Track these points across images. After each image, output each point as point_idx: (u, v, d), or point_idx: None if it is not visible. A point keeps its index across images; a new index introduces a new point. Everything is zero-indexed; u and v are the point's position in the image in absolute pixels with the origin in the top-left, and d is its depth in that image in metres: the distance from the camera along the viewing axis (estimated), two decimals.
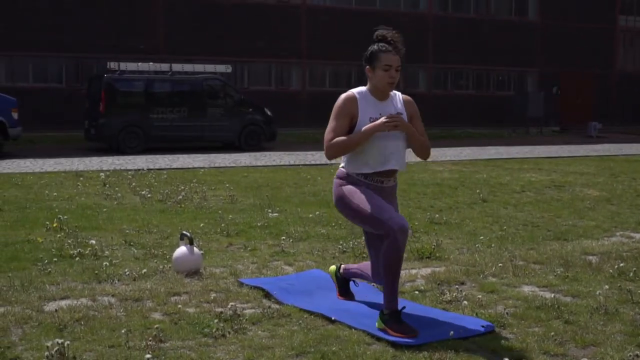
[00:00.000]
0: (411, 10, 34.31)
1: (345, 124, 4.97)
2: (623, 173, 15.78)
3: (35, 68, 27.87)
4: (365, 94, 5.06)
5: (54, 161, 18.36)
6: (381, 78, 4.99)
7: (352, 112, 4.97)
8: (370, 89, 5.08)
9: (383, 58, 4.97)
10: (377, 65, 4.99)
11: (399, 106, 5.12)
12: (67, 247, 7.30)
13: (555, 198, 11.68)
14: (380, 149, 4.96)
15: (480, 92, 36.15)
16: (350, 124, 4.98)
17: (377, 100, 5.05)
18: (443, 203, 11.02)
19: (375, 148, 4.95)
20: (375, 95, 5.06)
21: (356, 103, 4.99)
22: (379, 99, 5.06)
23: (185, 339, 4.67)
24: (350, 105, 4.98)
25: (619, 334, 4.82)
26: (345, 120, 4.97)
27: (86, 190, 12.10)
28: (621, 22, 39.62)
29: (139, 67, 22.69)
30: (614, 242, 8.10)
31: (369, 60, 5.03)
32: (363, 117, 4.97)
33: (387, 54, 4.97)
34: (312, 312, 5.22)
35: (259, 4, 30.91)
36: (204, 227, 8.63)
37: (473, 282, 6.20)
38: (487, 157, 20.60)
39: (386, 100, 5.09)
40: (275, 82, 31.73)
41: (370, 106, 5.02)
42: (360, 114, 4.97)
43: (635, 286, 5.98)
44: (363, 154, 4.97)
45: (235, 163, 18.42)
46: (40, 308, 5.29)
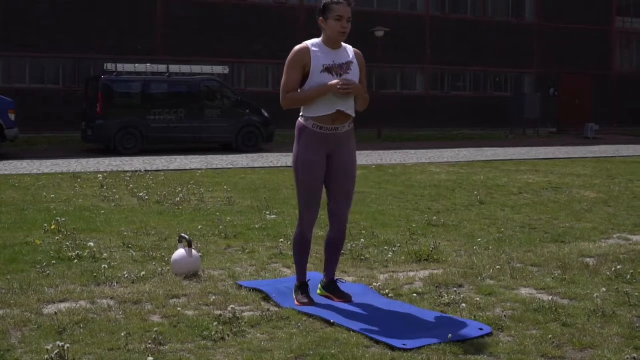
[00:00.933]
0: (409, 11, 34.33)
1: (298, 75, 5.35)
2: (620, 175, 15.81)
3: (32, 69, 27.86)
4: (319, 44, 5.43)
5: (51, 162, 18.36)
6: (333, 27, 5.33)
7: (305, 62, 5.34)
8: (323, 40, 5.43)
9: (335, 9, 5.31)
10: (329, 16, 5.33)
11: (351, 56, 5.46)
12: (66, 249, 7.31)
13: (552, 200, 11.70)
14: (332, 96, 5.32)
15: (478, 93, 36.17)
16: (304, 72, 5.35)
17: (330, 49, 5.42)
18: (440, 205, 11.03)
19: (328, 96, 5.32)
20: (328, 45, 5.41)
21: (309, 53, 5.35)
22: (332, 49, 5.41)
23: (184, 341, 4.67)
24: (302, 56, 5.35)
25: (616, 337, 4.84)
26: (299, 71, 5.35)
27: (84, 192, 12.11)
28: (618, 24, 39.69)
29: (136, 69, 22.70)
30: (611, 244, 8.11)
31: (322, 12, 5.38)
32: (316, 65, 5.33)
33: (339, 5, 5.31)
34: (310, 315, 5.24)
35: (257, 5, 30.92)
36: (202, 229, 8.63)
37: (471, 284, 6.21)
38: (484, 159, 20.63)
39: (339, 49, 5.45)
40: (272, 83, 31.72)
41: (324, 55, 5.38)
42: (313, 62, 5.33)
43: (632, 289, 6.00)
44: (317, 100, 5.34)
45: (232, 164, 18.43)
46: (40, 311, 5.30)
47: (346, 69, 5.38)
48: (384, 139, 28.42)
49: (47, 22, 27.25)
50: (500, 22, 36.42)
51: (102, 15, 28.02)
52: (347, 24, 5.31)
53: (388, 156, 21.55)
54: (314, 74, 5.32)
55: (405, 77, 34.23)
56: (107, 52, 26.98)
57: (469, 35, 35.17)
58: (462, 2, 35.81)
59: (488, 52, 35.51)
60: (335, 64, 5.36)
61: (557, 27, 37.06)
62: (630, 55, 40.66)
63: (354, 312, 5.33)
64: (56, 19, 27.41)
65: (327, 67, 5.34)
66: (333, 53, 5.40)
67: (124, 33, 28.18)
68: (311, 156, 5.42)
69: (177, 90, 23.12)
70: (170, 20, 29.23)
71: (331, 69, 5.34)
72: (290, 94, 5.37)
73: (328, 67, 5.34)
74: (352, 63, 5.43)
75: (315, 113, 5.36)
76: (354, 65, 5.43)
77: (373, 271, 6.73)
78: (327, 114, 5.33)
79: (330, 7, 5.33)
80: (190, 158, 20.25)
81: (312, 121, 5.38)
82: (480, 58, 35.41)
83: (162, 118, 22.63)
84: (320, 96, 5.30)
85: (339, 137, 5.44)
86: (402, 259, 7.18)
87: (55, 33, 27.33)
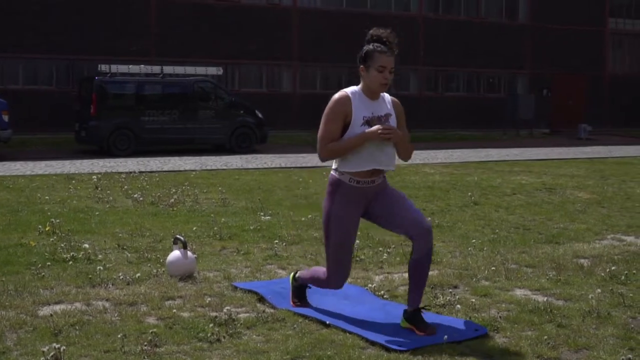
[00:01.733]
0: (402, 12, 34.35)
1: (339, 126, 5.00)
2: (613, 175, 15.85)
3: (25, 70, 27.79)
4: (359, 93, 5.08)
5: (45, 164, 18.32)
6: (375, 78, 5.00)
7: (346, 112, 4.99)
8: (362, 89, 5.09)
9: (378, 59, 4.98)
10: (371, 65, 5.00)
11: (389, 107, 5.15)
12: (60, 251, 7.29)
13: (546, 201, 11.73)
14: (371, 149, 5.00)
15: (471, 94, 36.22)
16: (344, 123, 5.01)
17: (369, 100, 5.07)
18: (435, 206, 11.05)
19: (367, 148, 4.99)
20: (367, 95, 5.07)
21: (350, 103, 5.01)
22: (371, 99, 5.08)
23: (180, 343, 4.68)
24: (344, 106, 5.00)
25: (611, 337, 4.85)
26: (339, 122, 5.00)
27: (78, 193, 12.09)
28: (611, 25, 39.77)
29: (130, 70, 22.66)
30: (605, 245, 8.14)
31: (364, 59, 5.04)
32: (357, 117, 4.99)
33: (382, 55, 4.97)
34: (306, 316, 5.24)
35: (250, 6, 30.90)
36: (196, 230, 8.63)
37: (466, 285, 6.23)
38: (478, 160, 20.66)
39: (377, 99, 5.11)
40: (266, 84, 31.72)
41: (363, 105, 5.03)
42: (354, 114, 4.99)
43: (627, 289, 6.03)
44: (356, 154, 5.01)
45: (226, 165, 18.41)
46: (35, 313, 5.29)
47: (384, 122, 5.04)
48: None
49: (40, 22, 27.18)
50: (494, 23, 36.47)
51: (96, 16, 27.96)
52: (389, 75, 5.00)
53: None
54: (354, 126, 4.97)
55: (399, 78, 34.25)
56: (100, 53, 26.93)
57: (462, 36, 35.21)
58: (456, 3, 35.85)
59: (481, 53, 35.55)
60: (374, 117, 5.02)
61: (550, 28, 37.12)
62: (623, 56, 40.75)
63: (349, 314, 5.33)
64: (49, 19, 27.35)
65: (367, 119, 5.00)
66: (372, 104, 5.06)
67: (117, 34, 28.13)
68: (347, 211, 5.10)
69: (170, 91, 23.09)
70: (164, 21, 29.19)
71: (371, 121, 5.00)
72: (330, 145, 4.97)
73: (368, 120, 5.00)
74: (390, 115, 5.09)
75: (353, 168, 5.01)
76: (392, 118, 5.10)
77: (368, 272, 6.74)
78: (365, 170, 5.02)
79: (373, 55, 4.99)
80: (184, 159, 20.23)
81: (348, 175, 5.05)
82: (473, 59, 35.45)
83: (155, 119, 22.59)
84: (360, 145, 4.94)
85: (376, 188, 5.14)
86: (397, 260, 7.19)
87: (48, 34, 27.26)
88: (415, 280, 5.07)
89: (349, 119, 5.00)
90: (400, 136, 5.01)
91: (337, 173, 5.11)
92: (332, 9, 32.52)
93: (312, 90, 32.18)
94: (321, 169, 16.39)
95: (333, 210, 5.11)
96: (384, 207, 5.12)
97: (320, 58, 31.87)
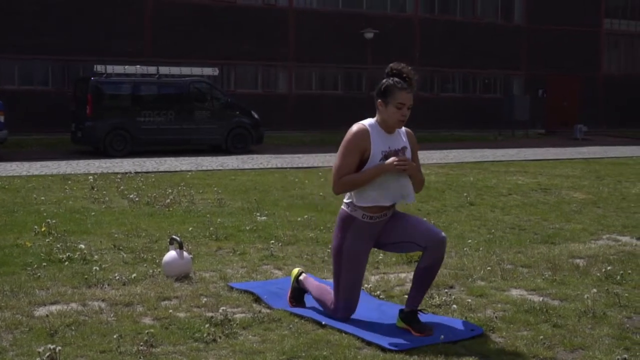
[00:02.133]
0: (398, 13, 34.36)
1: (356, 160, 4.97)
2: (609, 176, 15.87)
3: (21, 70, 27.75)
4: (376, 126, 5.04)
5: (40, 164, 18.30)
6: (392, 115, 4.96)
7: (365, 146, 4.95)
8: (379, 122, 5.05)
9: (398, 95, 4.93)
10: (390, 101, 4.95)
11: (404, 140, 5.12)
12: (56, 251, 7.28)
13: (541, 201, 11.74)
14: (388, 183, 4.98)
15: (467, 94, 36.24)
16: (362, 158, 4.98)
17: (386, 134, 5.04)
18: (430, 206, 11.06)
19: (383, 182, 4.97)
20: (384, 128, 5.04)
21: (369, 137, 4.96)
22: (387, 132, 5.05)
23: (176, 344, 4.68)
24: (363, 140, 4.95)
25: (606, 337, 4.86)
26: (357, 156, 4.96)
27: (74, 194, 12.08)
28: (606, 25, 39.84)
29: (125, 70, 22.66)
30: (601, 245, 8.15)
31: (383, 94, 4.98)
32: (375, 151, 4.96)
33: (402, 92, 4.92)
34: (302, 317, 5.25)
35: (246, 6, 30.88)
36: (192, 230, 8.63)
37: (462, 285, 6.23)
38: (474, 160, 20.68)
39: (393, 133, 5.08)
40: (262, 84, 31.72)
41: (381, 139, 5.00)
42: (373, 148, 4.96)
43: (622, 289, 6.04)
44: (373, 189, 4.98)
45: (222, 166, 18.41)
46: (31, 313, 5.28)
47: (401, 155, 5.02)
48: None
49: (36, 23, 27.14)
50: (489, 23, 36.50)
51: (92, 16, 27.93)
52: (407, 111, 4.96)
53: None
54: (374, 161, 4.95)
55: None
56: (96, 53, 26.89)
57: (458, 37, 35.23)
58: (451, 4, 35.87)
59: (477, 54, 35.57)
60: (391, 150, 5.00)
61: (545, 29, 37.16)
62: (619, 56, 40.82)
63: None
64: (45, 20, 27.31)
65: (386, 154, 4.97)
66: (389, 138, 5.03)
67: (113, 34, 28.10)
68: (360, 247, 5.11)
69: (166, 92, 23.09)
70: (160, 21, 29.17)
71: (388, 156, 4.97)
72: (346, 178, 4.94)
73: (386, 155, 4.97)
74: (406, 148, 5.08)
75: (371, 202, 4.99)
76: (408, 151, 5.10)
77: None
78: (381, 205, 5.01)
79: (392, 91, 4.93)
80: (180, 159, 20.22)
81: (361, 211, 5.03)
82: (469, 60, 35.47)
83: (151, 120, 22.59)
84: (376, 177, 4.93)
85: (388, 220, 5.14)
86: (392, 260, 7.20)
87: (44, 34, 27.22)
88: (420, 285, 5.08)
89: (367, 154, 4.96)
90: (415, 169, 5.01)
91: (349, 209, 5.09)
92: (328, 9, 32.52)
93: (308, 91, 32.19)
94: (316, 170, 16.40)
95: (345, 247, 5.11)
96: (396, 232, 5.11)
97: (316, 59, 31.87)
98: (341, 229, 5.12)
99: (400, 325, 5.07)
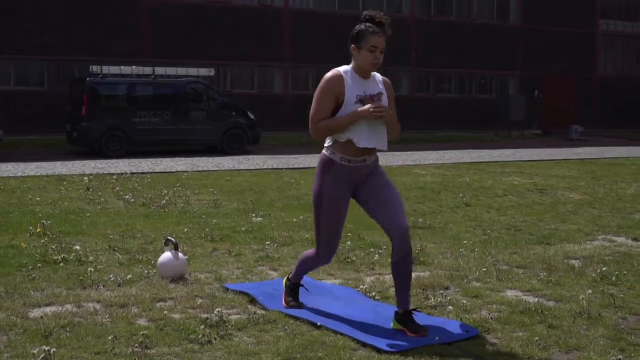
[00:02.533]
0: (394, 13, 34.32)
1: (331, 104, 5.05)
2: (604, 176, 15.89)
3: (17, 71, 27.70)
4: (350, 72, 5.12)
5: (36, 165, 18.28)
6: (366, 58, 5.05)
7: (339, 91, 5.04)
8: (354, 68, 5.13)
9: (370, 39, 5.01)
10: (362, 45, 5.03)
11: (380, 86, 5.21)
12: (51, 252, 7.27)
13: (537, 202, 11.75)
14: (364, 128, 5.05)
15: (463, 95, 36.27)
16: (337, 102, 5.06)
17: (361, 79, 5.12)
18: (426, 207, 11.06)
19: (359, 126, 5.04)
20: (359, 74, 5.12)
21: (342, 81, 5.05)
22: (363, 78, 5.13)
23: (171, 345, 4.67)
24: (336, 84, 5.04)
25: (601, 338, 4.87)
26: (332, 101, 5.05)
27: (69, 195, 12.06)
28: (602, 26, 39.90)
29: (121, 71, 22.65)
30: (596, 245, 8.16)
31: (355, 39, 5.07)
32: (350, 95, 5.04)
33: (374, 35, 5.01)
34: (297, 318, 5.24)
35: (242, 6, 30.88)
36: (188, 231, 8.62)
37: (457, 286, 6.23)
38: (470, 161, 20.69)
39: (369, 78, 5.17)
40: (258, 85, 31.71)
41: (356, 84, 5.08)
42: (347, 92, 5.04)
43: (617, 290, 6.04)
44: (349, 132, 5.05)
45: (218, 167, 18.40)
46: (25, 314, 5.27)
47: (377, 100, 5.08)
48: None
49: (31, 23, 27.11)
50: (485, 24, 36.53)
51: (87, 17, 27.90)
52: (380, 55, 5.04)
53: None
54: (348, 104, 5.01)
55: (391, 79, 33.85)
56: (92, 54, 26.86)
57: (454, 37, 35.25)
58: (447, 4, 35.90)
59: (473, 54, 35.60)
60: (366, 95, 5.06)
61: (541, 30, 37.20)
62: (614, 57, 40.89)
63: (340, 315, 5.33)
64: (41, 20, 27.27)
65: (360, 98, 5.03)
66: (364, 83, 5.10)
67: (109, 35, 28.07)
68: (338, 190, 5.15)
69: (162, 92, 23.07)
70: (156, 22, 29.15)
71: (364, 100, 5.04)
72: (322, 123, 5.04)
73: (361, 99, 5.03)
74: (382, 94, 5.15)
75: (343, 138, 5.05)
76: (384, 96, 5.15)
77: (359, 273, 6.75)
78: (358, 148, 5.05)
79: (365, 36, 5.01)
80: (176, 160, 20.21)
81: (339, 154, 5.08)
82: (465, 60, 35.50)
83: (147, 120, 22.58)
84: (353, 123, 4.99)
85: (367, 167, 5.17)
86: (388, 261, 7.15)
87: (40, 35, 27.18)
88: (400, 282, 5.09)
89: (341, 98, 5.05)
90: (391, 116, 5.09)
91: (328, 152, 5.16)
92: (324, 10, 32.53)
93: (304, 92, 32.13)
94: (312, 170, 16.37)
95: (324, 190, 5.18)
96: (370, 194, 5.18)
97: (312, 59, 31.84)
98: (321, 173, 5.21)
99: (396, 327, 5.07)
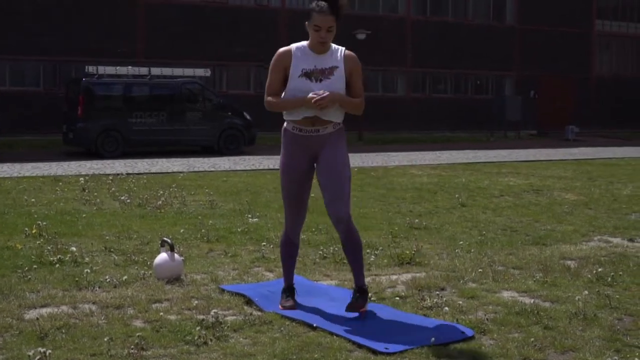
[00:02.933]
0: (390, 14, 34.40)
1: (280, 77, 5.29)
2: (600, 177, 15.91)
3: (13, 71, 27.68)
4: (303, 47, 5.29)
5: (31, 166, 18.25)
6: (312, 36, 5.21)
7: (285, 65, 5.26)
8: (309, 44, 5.29)
9: (314, 18, 5.14)
10: (309, 24, 5.18)
11: (338, 60, 5.28)
12: (47, 253, 7.25)
13: (533, 202, 11.76)
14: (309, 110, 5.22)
15: (459, 95, 36.31)
16: (285, 75, 5.27)
17: (314, 54, 5.26)
18: (422, 208, 11.06)
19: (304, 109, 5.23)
20: (313, 49, 5.27)
21: (290, 56, 5.25)
22: (316, 53, 5.26)
23: (167, 346, 4.66)
24: (283, 59, 5.27)
25: (597, 339, 4.87)
26: (281, 73, 5.28)
27: (65, 196, 12.04)
28: (598, 27, 39.96)
29: (117, 71, 22.64)
30: (592, 246, 8.16)
31: (307, 17, 5.22)
32: (295, 69, 5.23)
33: (319, 15, 5.12)
34: (293, 319, 5.23)
35: (238, 7, 30.88)
36: (184, 232, 8.61)
37: (453, 287, 6.23)
38: (466, 161, 20.70)
39: (324, 53, 5.27)
40: (254, 85, 31.69)
41: (305, 59, 5.24)
42: (293, 67, 5.23)
43: (613, 291, 6.04)
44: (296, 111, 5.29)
45: (214, 167, 18.39)
46: (21, 316, 5.26)
47: (328, 74, 5.20)
48: (365, 142, 28.46)
49: (28, 24, 27.09)
50: (481, 24, 36.58)
51: (84, 17, 27.89)
52: (325, 34, 5.12)
53: (369, 159, 21.58)
54: (292, 78, 5.22)
55: (387, 80, 34.26)
56: (88, 54, 26.86)
57: (450, 38, 35.28)
58: (443, 5, 35.93)
59: (469, 55, 35.64)
60: (316, 69, 5.20)
61: (537, 30, 37.25)
62: (610, 58, 40.95)
63: (336, 316, 5.33)
64: (37, 21, 27.26)
65: (307, 72, 5.20)
66: (316, 57, 5.24)
67: (105, 35, 28.07)
68: (291, 159, 5.38)
69: (158, 93, 23.07)
70: (152, 22, 29.14)
71: (311, 74, 5.20)
72: (269, 99, 5.33)
73: (307, 72, 5.20)
74: (336, 68, 5.23)
75: (293, 116, 5.29)
76: (339, 70, 5.23)
77: None
78: (305, 117, 5.25)
79: (311, 15, 5.16)
80: (172, 161, 20.19)
81: (292, 124, 5.33)
82: (461, 60, 35.54)
83: (143, 121, 22.57)
84: (296, 108, 5.22)
85: (323, 138, 5.30)
86: (384, 262, 7.20)
87: (36, 35, 27.17)
88: (351, 261, 5.45)
89: (288, 71, 5.24)
90: (337, 99, 5.19)
91: (285, 122, 5.39)
92: None
93: None
94: None
95: (282, 159, 5.44)
96: (320, 175, 5.37)
97: None
98: (282, 145, 5.46)
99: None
